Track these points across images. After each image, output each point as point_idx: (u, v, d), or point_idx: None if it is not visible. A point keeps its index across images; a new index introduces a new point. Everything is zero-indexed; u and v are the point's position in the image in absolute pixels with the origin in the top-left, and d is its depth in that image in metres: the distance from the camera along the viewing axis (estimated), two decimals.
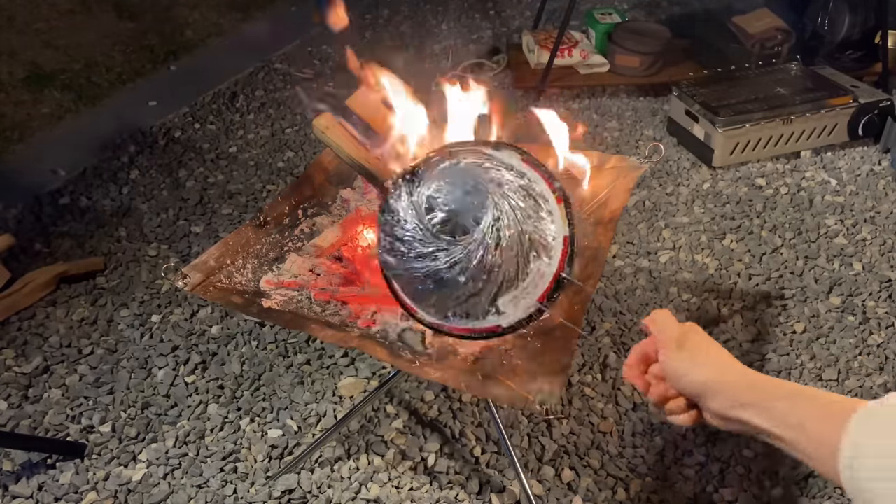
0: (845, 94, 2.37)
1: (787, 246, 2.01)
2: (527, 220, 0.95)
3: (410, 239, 0.96)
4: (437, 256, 0.95)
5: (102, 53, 3.20)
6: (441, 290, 0.96)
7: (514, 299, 0.95)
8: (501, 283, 0.94)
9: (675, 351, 0.71)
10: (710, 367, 0.69)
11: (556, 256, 0.96)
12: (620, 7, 3.41)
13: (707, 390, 0.68)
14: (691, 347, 0.71)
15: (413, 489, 1.45)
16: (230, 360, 1.73)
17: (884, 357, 1.67)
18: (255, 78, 3.01)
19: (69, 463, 1.52)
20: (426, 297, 0.98)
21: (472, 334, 0.98)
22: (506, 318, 0.96)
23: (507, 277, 0.94)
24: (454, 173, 0.97)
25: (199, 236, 2.15)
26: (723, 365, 0.69)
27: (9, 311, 1.88)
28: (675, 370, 0.70)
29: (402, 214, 0.98)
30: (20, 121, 2.74)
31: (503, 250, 0.94)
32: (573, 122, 1.20)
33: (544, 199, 0.98)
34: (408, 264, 0.97)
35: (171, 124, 2.70)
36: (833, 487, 1.42)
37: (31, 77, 3.01)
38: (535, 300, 0.95)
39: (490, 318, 0.96)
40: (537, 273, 0.95)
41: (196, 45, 3.31)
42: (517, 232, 0.94)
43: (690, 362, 0.70)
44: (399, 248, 0.97)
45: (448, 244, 0.95)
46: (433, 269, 0.95)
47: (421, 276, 0.96)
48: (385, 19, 3.50)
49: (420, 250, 0.96)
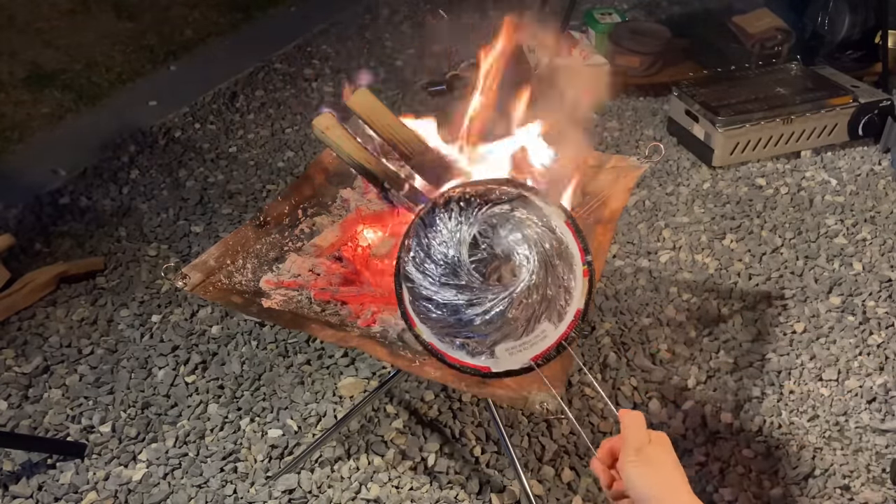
0: (845, 93, 2.37)
1: (787, 246, 2.01)
2: (553, 284, 0.96)
3: (444, 264, 0.96)
4: (463, 291, 0.96)
5: (102, 53, 3.20)
6: (449, 319, 0.96)
7: (512, 350, 0.97)
8: (508, 334, 0.96)
9: (631, 457, 0.73)
10: (659, 483, 0.72)
11: (565, 325, 0.97)
12: (620, 7, 3.41)
13: (649, 503, 0.71)
14: (648, 458, 0.73)
15: (413, 489, 1.45)
16: (230, 360, 1.74)
17: (884, 357, 1.67)
18: (255, 78, 3.01)
19: (69, 463, 1.53)
20: (432, 317, 0.98)
21: (462, 367, 0.98)
22: (497, 364, 0.97)
23: (515, 330, 0.96)
24: (504, 220, 0.98)
25: (199, 236, 2.15)
26: (672, 485, 0.72)
27: (9, 311, 1.88)
28: (627, 475, 0.73)
29: (444, 237, 0.97)
30: (20, 121, 2.74)
31: (525, 307, 0.95)
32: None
33: (571, 268, 0.99)
34: (431, 286, 0.97)
35: (171, 124, 2.70)
36: (833, 487, 1.42)
37: (31, 77, 3.01)
38: (529, 357, 0.96)
39: (482, 359, 0.98)
40: (541, 333, 0.97)
41: (196, 45, 3.31)
42: (543, 293, 0.96)
43: (642, 471, 0.72)
44: (429, 269, 0.97)
45: (480, 286, 0.96)
46: (453, 301, 0.96)
47: (438, 302, 0.96)
48: (385, 19, 3.50)
49: (449, 280, 0.96)
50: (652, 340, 1.74)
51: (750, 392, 1.61)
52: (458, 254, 0.96)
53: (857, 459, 1.47)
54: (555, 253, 0.97)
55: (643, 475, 0.72)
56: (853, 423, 1.54)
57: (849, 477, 1.44)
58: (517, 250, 0.97)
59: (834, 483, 1.43)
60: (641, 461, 0.73)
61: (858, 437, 1.51)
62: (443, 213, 0.98)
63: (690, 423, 1.55)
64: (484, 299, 0.95)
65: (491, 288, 0.96)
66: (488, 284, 0.96)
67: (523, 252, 0.97)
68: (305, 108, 2.79)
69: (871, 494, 1.40)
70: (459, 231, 0.97)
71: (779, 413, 1.57)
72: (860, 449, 1.49)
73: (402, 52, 3.20)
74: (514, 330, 0.96)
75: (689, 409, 1.58)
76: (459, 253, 0.96)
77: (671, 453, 0.74)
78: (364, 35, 3.36)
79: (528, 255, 0.96)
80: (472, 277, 0.96)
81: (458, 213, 0.98)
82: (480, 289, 0.96)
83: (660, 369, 1.67)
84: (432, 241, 0.98)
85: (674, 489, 0.71)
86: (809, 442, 1.50)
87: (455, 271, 0.96)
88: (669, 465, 0.73)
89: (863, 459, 1.47)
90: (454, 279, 0.96)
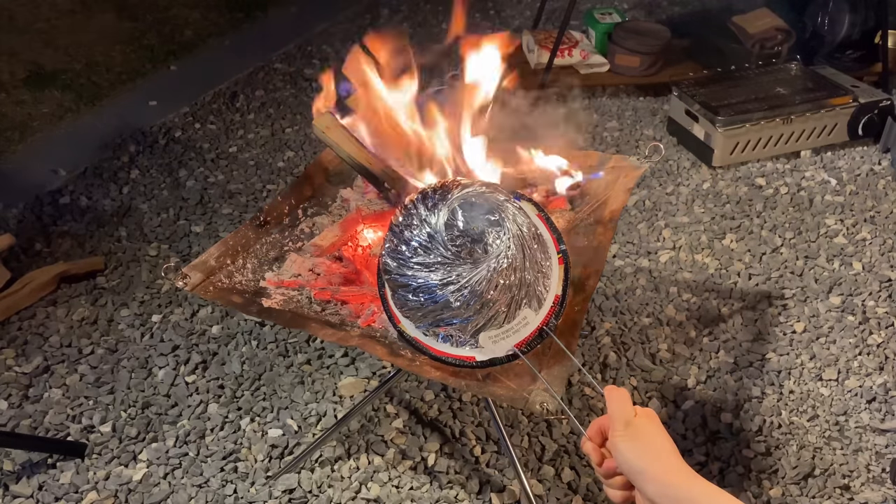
0: (845, 93, 2.37)
1: (787, 246, 2.02)
2: (531, 269, 0.96)
3: (416, 245, 0.95)
4: (437, 269, 0.94)
5: (102, 53, 3.20)
6: (427, 305, 0.95)
7: (495, 338, 0.96)
8: (490, 319, 0.95)
9: (621, 431, 0.74)
10: (650, 455, 0.72)
11: (545, 310, 0.97)
12: (620, 7, 3.41)
13: (642, 476, 0.71)
14: (636, 432, 0.74)
15: (413, 489, 1.45)
16: (230, 359, 1.74)
17: (884, 357, 1.67)
18: (255, 78, 3.02)
19: (69, 462, 1.53)
20: (410, 307, 0.97)
21: (447, 358, 0.98)
22: (482, 353, 0.97)
23: (496, 315, 0.95)
24: (480, 199, 0.97)
25: (199, 236, 2.15)
26: (662, 456, 0.72)
27: (9, 311, 1.88)
28: (618, 450, 0.73)
29: (417, 220, 0.96)
30: (21, 121, 2.75)
31: (502, 289, 0.94)
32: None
33: (547, 254, 0.99)
34: (406, 270, 0.96)
35: (171, 124, 2.71)
36: (833, 487, 1.42)
37: (31, 77, 3.01)
38: (513, 344, 0.96)
39: (466, 349, 0.97)
40: (523, 319, 0.96)
41: (196, 45, 3.32)
42: (521, 276, 0.94)
43: (631, 445, 0.73)
44: (402, 252, 0.96)
45: (451, 260, 0.94)
46: (428, 282, 0.94)
47: (414, 286, 0.95)
48: (385, 19, 3.51)
49: (423, 259, 0.95)
50: (652, 340, 1.74)
51: (750, 392, 1.61)
52: (431, 229, 0.95)
53: (856, 459, 1.47)
54: (530, 236, 0.96)
55: (633, 448, 0.72)
56: (853, 423, 1.54)
57: (849, 477, 1.44)
58: (490, 229, 0.95)
59: (834, 483, 1.43)
60: (630, 435, 0.73)
61: (858, 436, 1.51)
62: (418, 203, 0.97)
63: (690, 423, 1.55)
64: (458, 276, 0.93)
65: (462, 262, 0.94)
66: (460, 258, 0.94)
67: (496, 230, 0.95)
68: (305, 108, 2.79)
69: (870, 494, 1.40)
70: (434, 213, 0.96)
71: (779, 413, 1.57)
72: (860, 449, 1.49)
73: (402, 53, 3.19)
74: (496, 316, 0.95)
75: (689, 409, 1.58)
76: (432, 228, 0.95)
77: (659, 426, 0.75)
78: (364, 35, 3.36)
79: (500, 234, 0.95)
80: (442, 251, 0.94)
81: (432, 198, 0.97)
82: (452, 264, 0.94)
83: (660, 369, 1.67)
84: (405, 228, 0.97)
85: (664, 460, 0.72)
86: (809, 442, 1.51)
87: (426, 247, 0.95)
88: (659, 437, 0.74)
89: (863, 459, 1.47)
90: (425, 256, 0.94)
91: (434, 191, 0.98)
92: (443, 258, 0.94)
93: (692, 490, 0.69)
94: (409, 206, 0.98)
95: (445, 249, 0.94)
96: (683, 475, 0.70)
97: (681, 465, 0.71)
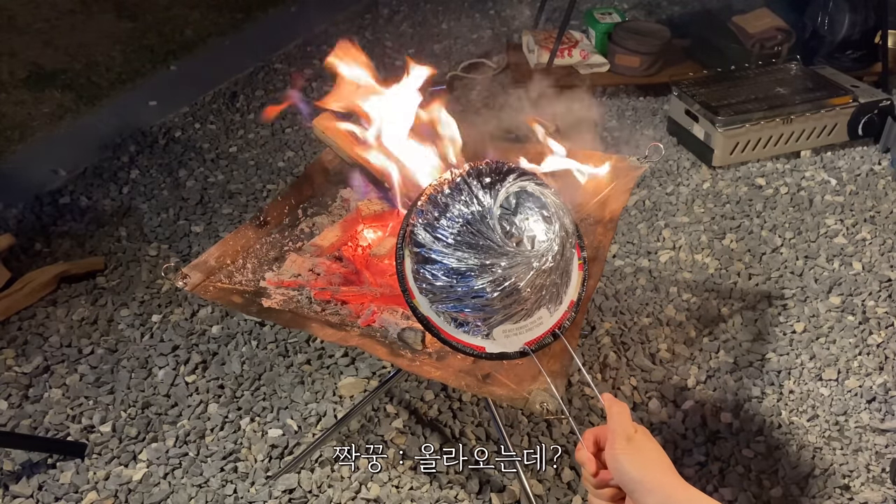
0: (845, 93, 2.37)
1: (787, 246, 2.02)
2: (563, 270, 0.94)
3: (462, 222, 0.88)
4: (478, 253, 0.88)
5: (102, 53, 3.20)
6: (460, 291, 0.90)
7: (508, 332, 0.95)
8: (511, 315, 0.93)
9: (622, 444, 0.76)
10: (650, 469, 0.75)
11: (559, 313, 0.96)
12: (620, 7, 3.41)
13: (642, 487, 0.73)
14: (638, 446, 0.76)
15: (413, 489, 1.45)
16: (230, 359, 1.74)
17: (883, 357, 1.67)
18: (255, 78, 3.02)
19: (69, 462, 1.53)
20: (439, 289, 0.92)
21: (456, 344, 0.94)
22: (493, 346, 0.95)
23: (518, 312, 0.93)
24: (537, 190, 0.93)
25: (199, 236, 2.15)
26: (661, 470, 0.75)
27: (9, 311, 1.88)
28: (620, 461, 0.75)
29: (468, 195, 0.89)
30: (21, 121, 2.75)
31: (536, 288, 0.91)
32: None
33: (573, 259, 0.98)
34: (441, 246, 0.89)
35: (171, 124, 2.71)
36: (833, 487, 1.42)
37: (31, 77, 3.01)
38: (524, 342, 0.95)
39: (479, 339, 0.95)
40: (538, 319, 0.95)
41: (196, 45, 3.32)
42: (553, 278, 0.93)
43: (633, 458, 0.75)
44: (442, 226, 0.89)
45: (500, 245, 0.88)
46: (466, 264, 0.88)
47: (447, 266, 0.89)
48: (385, 19, 3.51)
49: (466, 239, 0.88)
50: (652, 340, 1.74)
51: (750, 392, 1.61)
52: (482, 208, 0.88)
53: (856, 459, 1.47)
54: (568, 239, 0.95)
55: (634, 462, 0.74)
56: (853, 423, 1.54)
57: (848, 476, 1.44)
58: (542, 225, 0.92)
59: (834, 483, 1.43)
60: (632, 450, 0.75)
61: (858, 436, 1.51)
62: (471, 178, 0.91)
63: (690, 423, 1.55)
64: (500, 267, 0.88)
65: (508, 253, 0.88)
66: (507, 248, 0.88)
67: (547, 227, 0.92)
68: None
69: (870, 494, 1.40)
70: (489, 192, 0.90)
71: (779, 413, 1.57)
72: (860, 448, 1.49)
73: (401, 53, 3.20)
74: (517, 312, 0.93)
75: (689, 408, 1.58)
76: (485, 208, 0.88)
77: (656, 444, 0.78)
78: (364, 35, 3.36)
79: (549, 232, 0.92)
80: (491, 234, 0.87)
81: (489, 176, 0.91)
82: (497, 252, 0.87)
83: (660, 369, 1.67)
84: (451, 202, 0.90)
85: (663, 474, 0.74)
86: (809, 442, 1.51)
87: (473, 228, 0.88)
88: (657, 453, 0.76)
89: (862, 459, 1.47)
90: (470, 237, 0.88)
91: (491, 170, 0.92)
92: (489, 243, 0.88)
93: (691, 502, 0.72)
94: (458, 181, 0.92)
95: (494, 233, 0.88)
96: (682, 488, 0.73)
97: (679, 479, 0.74)
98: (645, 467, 0.74)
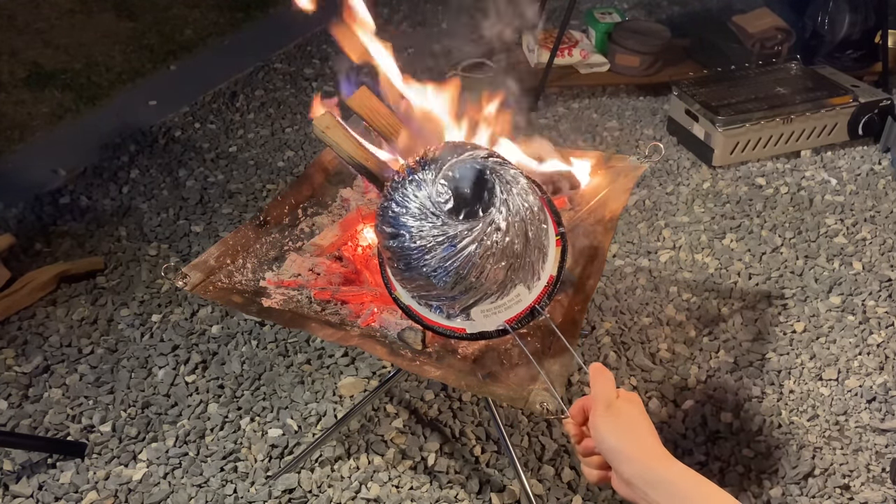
0: (845, 93, 2.37)
1: (787, 245, 2.02)
2: (531, 245, 0.93)
3: (408, 206, 0.91)
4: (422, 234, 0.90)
5: (102, 53, 3.20)
6: (418, 275, 0.92)
7: (486, 312, 0.96)
8: (484, 294, 0.93)
9: (601, 411, 0.75)
10: (627, 436, 0.73)
11: (538, 289, 0.96)
12: (620, 6, 3.41)
13: (619, 456, 0.72)
14: (617, 413, 0.75)
15: (413, 489, 1.45)
16: (230, 359, 1.74)
17: (884, 357, 1.67)
18: (255, 78, 3.01)
19: (69, 462, 1.53)
20: (402, 277, 0.96)
21: (437, 328, 0.98)
22: (473, 326, 0.97)
23: (490, 290, 0.93)
24: (480, 164, 0.92)
25: (199, 236, 2.15)
26: (639, 438, 0.73)
27: (9, 311, 1.88)
28: (597, 429, 0.75)
29: (412, 191, 0.91)
30: (21, 120, 2.74)
31: (496, 258, 0.90)
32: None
33: (547, 233, 0.97)
34: (400, 236, 0.91)
35: (171, 124, 2.70)
36: (833, 486, 1.42)
37: (31, 76, 3.01)
38: (504, 320, 0.96)
39: (458, 321, 0.97)
40: (516, 297, 0.95)
41: (196, 45, 3.31)
42: (519, 252, 0.91)
43: (612, 426, 0.74)
44: (397, 214, 0.92)
45: (443, 223, 0.89)
46: (415, 249, 0.90)
47: (403, 255, 0.91)
48: (385, 19, 3.50)
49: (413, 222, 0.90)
50: (652, 340, 1.74)
51: (750, 392, 1.61)
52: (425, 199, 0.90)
53: (856, 459, 1.47)
54: (531, 210, 0.93)
55: (612, 429, 0.73)
56: (853, 423, 1.54)
57: (848, 476, 1.44)
58: (489, 197, 0.90)
59: (834, 482, 1.43)
60: (611, 416, 0.75)
61: (858, 436, 1.51)
62: (416, 164, 0.94)
63: (690, 423, 1.55)
64: (450, 244, 0.88)
65: (460, 230, 0.88)
66: (460, 224, 0.88)
67: (499, 204, 0.90)
68: (305, 107, 2.79)
69: (870, 494, 1.40)
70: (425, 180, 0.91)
71: (779, 413, 1.57)
72: (860, 448, 1.49)
73: (401, 52, 3.19)
74: (490, 290, 0.93)
75: (689, 408, 1.58)
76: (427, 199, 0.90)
77: (641, 410, 0.76)
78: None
79: (502, 208, 0.90)
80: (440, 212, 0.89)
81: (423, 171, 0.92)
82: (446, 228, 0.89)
83: (660, 369, 1.67)
84: (400, 187, 0.92)
85: (643, 442, 0.73)
86: (809, 441, 1.51)
87: (428, 211, 0.89)
88: (639, 420, 0.75)
89: (863, 459, 1.47)
90: (420, 221, 0.90)
91: (431, 153, 0.94)
92: (436, 222, 0.89)
93: (669, 471, 0.70)
94: (408, 167, 0.94)
95: (440, 212, 0.89)
96: (661, 457, 0.71)
97: (658, 447, 0.72)
98: (624, 435, 0.73)
